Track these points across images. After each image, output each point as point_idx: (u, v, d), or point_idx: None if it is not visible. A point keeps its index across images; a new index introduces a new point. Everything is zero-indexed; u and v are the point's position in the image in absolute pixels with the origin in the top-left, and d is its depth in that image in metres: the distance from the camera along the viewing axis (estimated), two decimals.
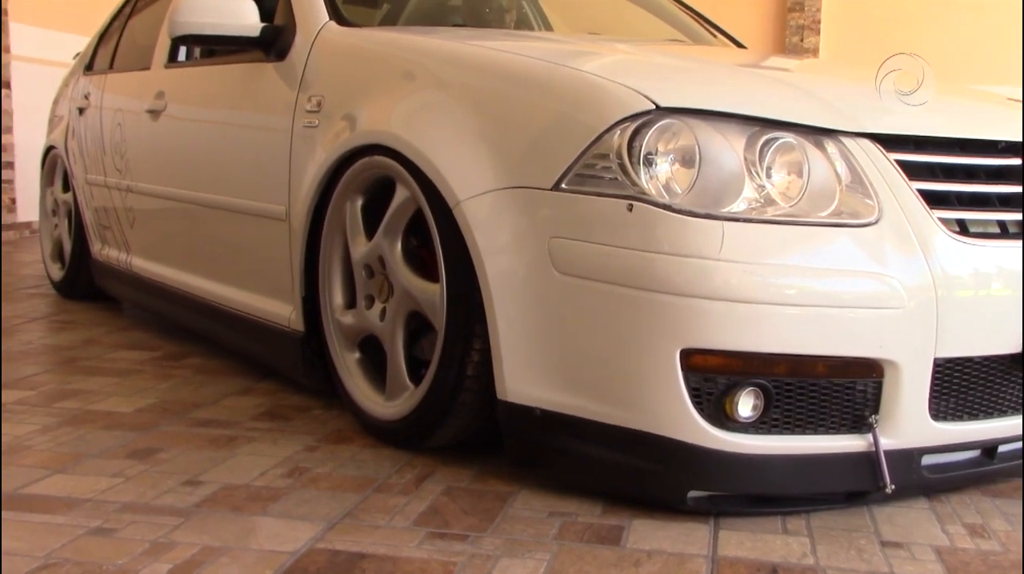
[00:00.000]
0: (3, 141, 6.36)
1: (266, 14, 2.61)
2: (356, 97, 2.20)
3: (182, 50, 3.23)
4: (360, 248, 2.16)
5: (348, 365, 2.24)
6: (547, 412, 1.76)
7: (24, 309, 3.80)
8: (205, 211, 2.84)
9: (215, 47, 2.80)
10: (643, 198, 1.64)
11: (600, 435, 1.71)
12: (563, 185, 1.72)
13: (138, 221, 3.37)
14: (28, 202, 6.48)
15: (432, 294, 1.96)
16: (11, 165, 6.43)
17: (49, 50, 6.71)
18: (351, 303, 2.26)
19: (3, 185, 6.37)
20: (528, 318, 1.76)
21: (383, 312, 2.11)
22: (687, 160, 1.67)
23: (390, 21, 3.00)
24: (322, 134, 2.27)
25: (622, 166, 1.67)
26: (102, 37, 4.17)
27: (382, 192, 2.14)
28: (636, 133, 1.68)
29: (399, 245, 2.06)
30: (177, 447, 2.08)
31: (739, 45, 3.52)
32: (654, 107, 1.68)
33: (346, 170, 2.17)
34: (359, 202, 2.19)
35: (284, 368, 2.56)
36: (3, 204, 6.37)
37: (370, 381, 2.21)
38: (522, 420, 1.79)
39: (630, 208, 1.64)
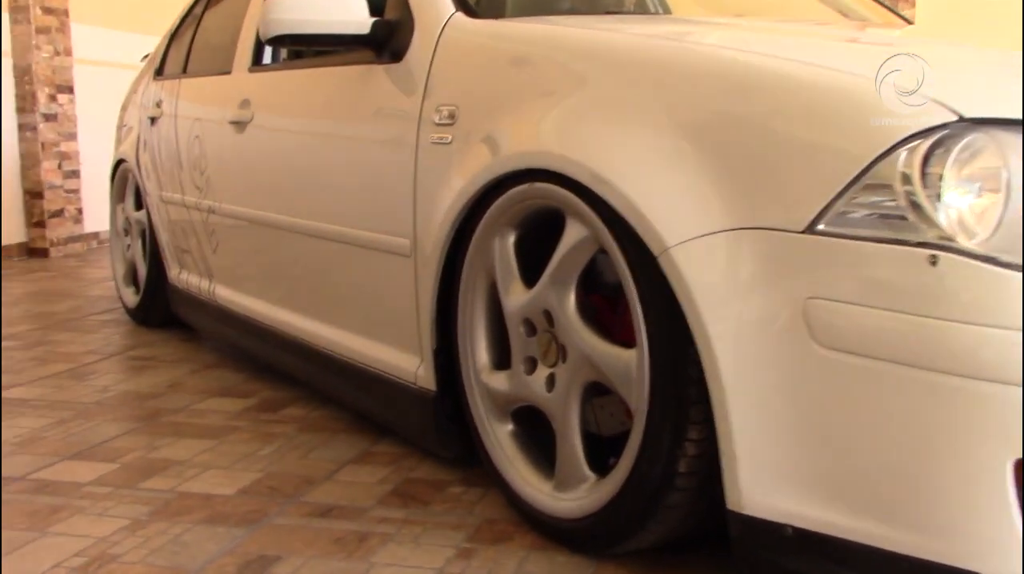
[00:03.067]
0: (69, 149, 6.05)
1: (374, 8, 2.18)
2: (503, 107, 1.76)
3: (267, 51, 2.83)
4: (516, 298, 1.73)
5: (499, 439, 1.82)
6: (804, 532, 1.31)
7: (97, 342, 3.44)
8: (305, 240, 2.43)
9: (316, 48, 2.38)
10: (950, 246, 1.18)
11: (886, 566, 1.26)
12: (821, 226, 1.27)
13: (222, 246, 2.98)
14: (94, 212, 6.18)
15: (625, 363, 1.52)
16: (76, 174, 6.13)
17: (112, 51, 6.38)
18: (500, 362, 1.83)
19: (69, 195, 6.07)
20: (775, 406, 1.31)
21: (550, 380, 1.68)
22: (1002, 190, 1.21)
23: (494, 10, 2.54)
24: (458, 153, 1.84)
25: (914, 201, 1.21)
26: (173, 37, 3.78)
27: (543, 225, 1.71)
28: (930, 155, 1.22)
29: (572, 297, 1.62)
30: (298, 553, 1.67)
31: (906, 20, 3.02)
32: (956, 118, 1.22)
33: (494, 198, 1.74)
34: (511, 238, 1.76)
35: (409, 431, 2.14)
36: (69, 214, 6.06)
37: (529, 460, 1.78)
38: (766, 540, 1.35)
39: (933, 260, 1.18)
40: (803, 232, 1.28)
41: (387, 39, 2.11)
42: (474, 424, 1.87)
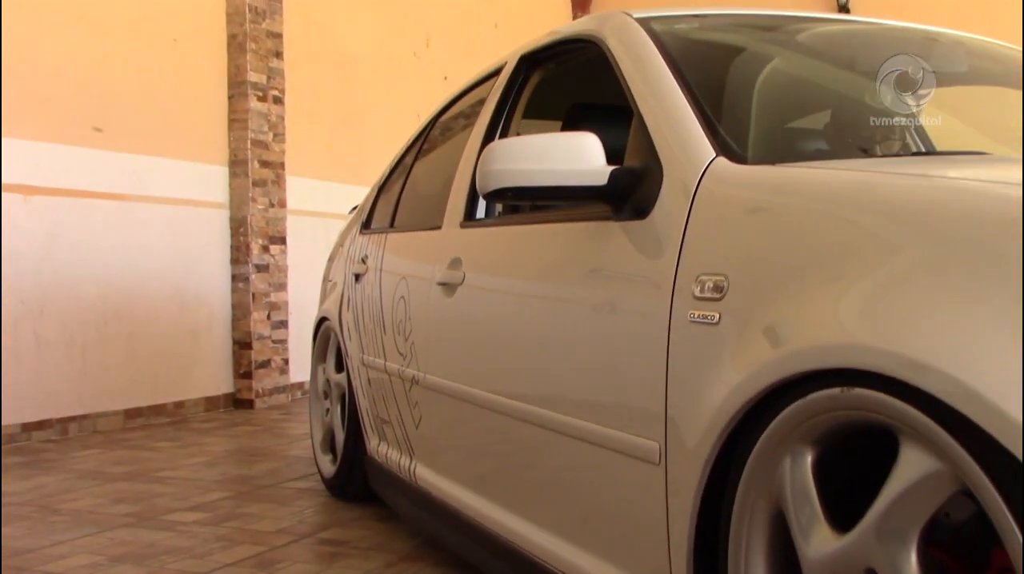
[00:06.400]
0: (278, 299, 6.03)
1: (610, 154, 1.83)
2: (797, 280, 1.33)
3: (481, 204, 2.52)
4: (820, 545, 1.25)
5: None
6: None
7: (290, 518, 3.15)
8: (521, 426, 2.04)
9: (543, 202, 2.04)
10: None
11: None
12: None
13: (426, 421, 2.63)
14: (299, 361, 6.09)
15: None
16: (284, 323, 6.09)
17: (322, 202, 6.42)
18: None
19: (276, 345, 6.01)
20: None
21: None
22: None
23: (766, 153, 2.12)
24: (729, 337, 1.41)
25: None
26: (381, 189, 3.59)
27: (854, 442, 1.25)
28: None
29: (914, 557, 1.13)
30: None
31: None
32: None
33: (784, 404, 1.29)
34: (808, 459, 1.29)
35: None
36: (276, 365, 6.00)
37: None
38: None
39: None
40: None
41: (628, 191, 1.74)
42: None
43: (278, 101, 6.05)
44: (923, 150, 2.62)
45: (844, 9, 9.10)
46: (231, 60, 5.85)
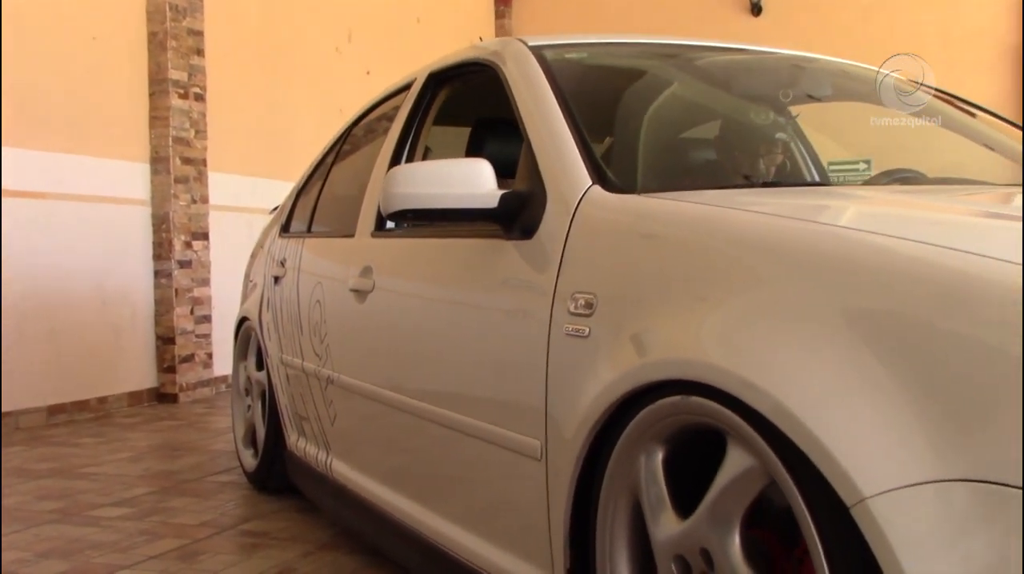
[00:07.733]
0: (201, 294, 6.11)
1: (501, 175, 2.01)
2: (650, 301, 1.53)
3: None
4: (666, 528, 1.46)
5: None
6: None
7: (212, 511, 3.29)
8: (426, 425, 2.22)
9: (440, 223, 2.21)
10: None
11: None
12: None
13: (340, 419, 2.80)
14: (223, 354, 6.17)
15: None
16: (208, 318, 6.17)
17: (245, 197, 6.50)
18: None
19: (200, 339, 6.10)
20: None
21: None
22: None
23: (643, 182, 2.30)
24: (597, 350, 1.60)
25: None
26: (300, 193, 3.73)
27: (698, 443, 1.45)
28: None
29: (737, 539, 1.34)
30: None
31: None
32: None
33: (640, 408, 1.49)
34: (659, 456, 1.50)
35: None
36: (199, 359, 6.08)
37: None
38: None
39: None
40: None
41: (516, 214, 1.92)
42: None
43: (200, 98, 6.12)
44: (806, 171, 2.86)
45: (756, 8, 9.42)
46: (152, 58, 5.90)
